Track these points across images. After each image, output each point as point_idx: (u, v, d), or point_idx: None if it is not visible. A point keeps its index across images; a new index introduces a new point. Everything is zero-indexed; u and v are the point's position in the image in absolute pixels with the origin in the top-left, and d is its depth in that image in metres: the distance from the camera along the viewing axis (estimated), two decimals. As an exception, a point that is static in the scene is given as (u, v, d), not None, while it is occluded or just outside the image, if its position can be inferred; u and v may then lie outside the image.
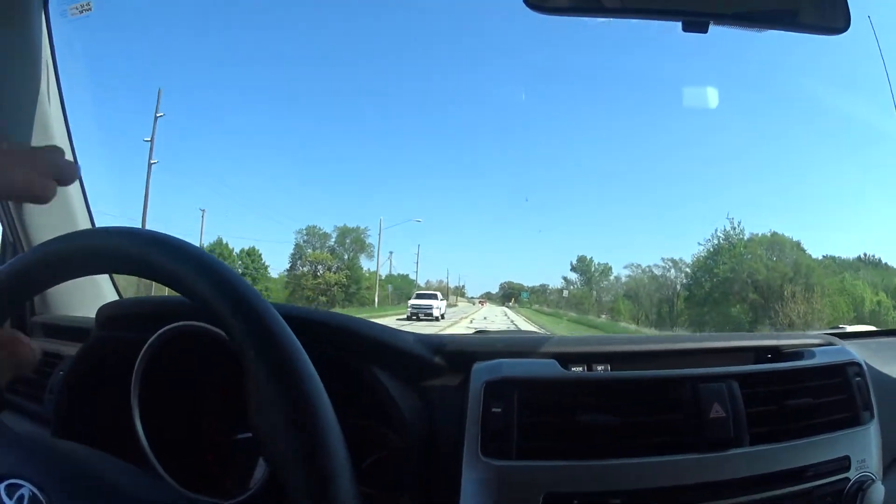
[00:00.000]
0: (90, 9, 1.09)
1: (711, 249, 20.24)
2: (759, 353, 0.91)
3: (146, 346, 0.75)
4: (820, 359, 0.86)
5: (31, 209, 1.08)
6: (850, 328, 1.13)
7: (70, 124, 1.11)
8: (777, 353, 0.90)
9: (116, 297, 1.13)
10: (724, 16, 0.83)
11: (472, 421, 0.74)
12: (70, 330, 1.05)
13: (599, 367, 0.82)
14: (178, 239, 0.51)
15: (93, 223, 1.16)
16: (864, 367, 0.87)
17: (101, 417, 0.78)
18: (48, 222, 1.09)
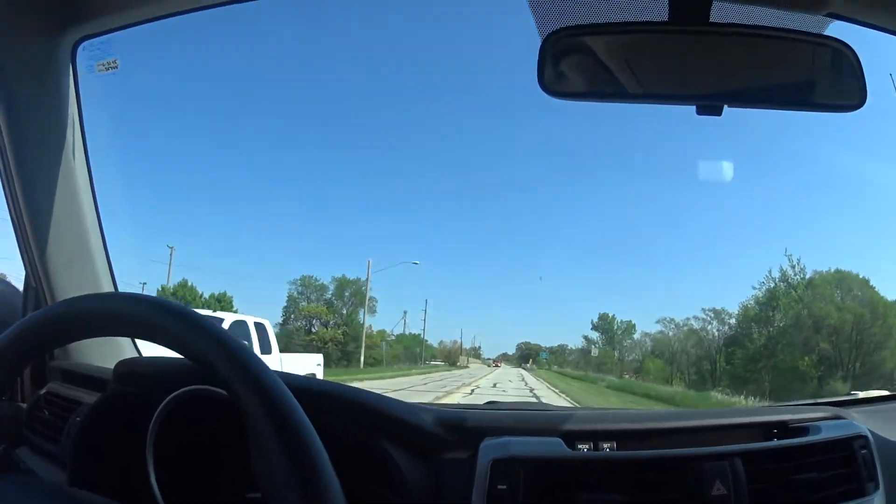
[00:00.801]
0: (117, 66, 1.13)
1: (764, 295, 17.00)
2: (767, 429, 0.92)
3: (161, 405, 0.77)
4: (826, 434, 0.87)
5: (56, 263, 1.11)
6: (862, 394, 1.13)
7: (94, 179, 1.15)
8: (784, 429, 0.91)
9: (134, 351, 1.15)
10: (737, 98, 0.83)
11: (478, 497, 0.76)
12: (88, 378, 1.08)
13: (606, 445, 0.83)
14: (185, 306, 0.59)
15: (115, 283, 1.19)
16: (870, 439, 0.88)
17: (116, 469, 0.81)
18: (73, 279, 1.13)
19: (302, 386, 0.79)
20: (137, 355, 1.12)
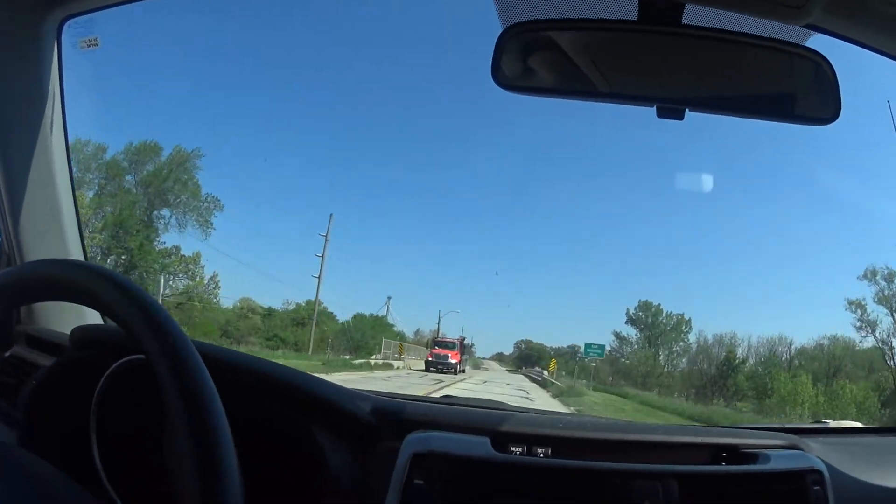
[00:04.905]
0: (97, 44, 1.15)
1: None
2: (716, 452, 0.88)
3: (107, 373, 0.78)
4: (775, 464, 0.83)
5: (29, 231, 1.13)
6: (833, 423, 1.08)
7: (70, 151, 1.16)
8: (735, 453, 0.88)
9: (98, 318, 1.17)
10: (702, 104, 0.82)
11: (394, 489, 0.76)
12: (48, 344, 1.09)
13: (540, 451, 0.81)
14: (117, 273, 0.60)
15: (85, 252, 1.21)
16: (825, 475, 0.84)
17: (64, 433, 0.81)
18: (44, 247, 1.15)
19: (226, 360, 0.79)
20: (101, 322, 1.13)
